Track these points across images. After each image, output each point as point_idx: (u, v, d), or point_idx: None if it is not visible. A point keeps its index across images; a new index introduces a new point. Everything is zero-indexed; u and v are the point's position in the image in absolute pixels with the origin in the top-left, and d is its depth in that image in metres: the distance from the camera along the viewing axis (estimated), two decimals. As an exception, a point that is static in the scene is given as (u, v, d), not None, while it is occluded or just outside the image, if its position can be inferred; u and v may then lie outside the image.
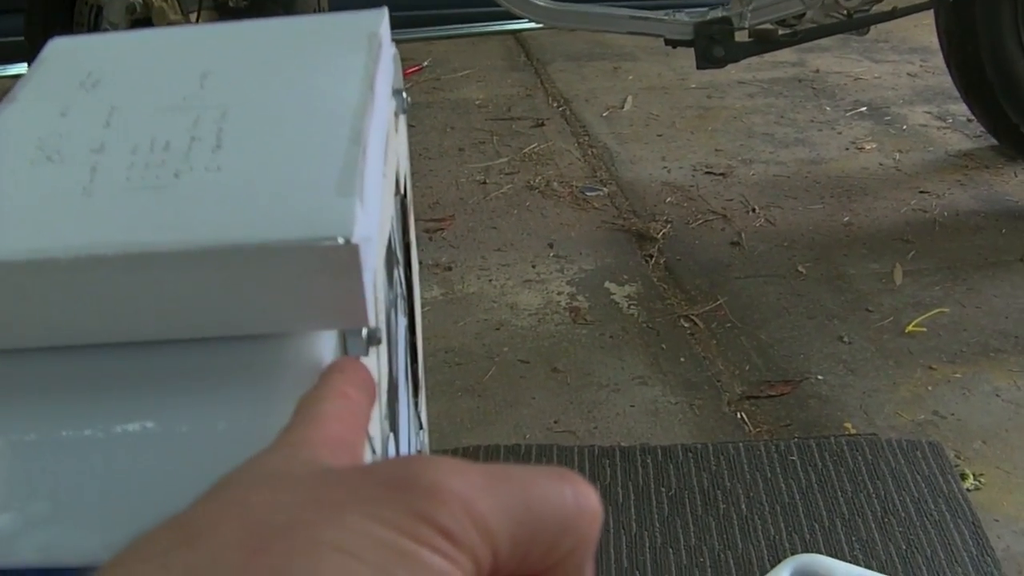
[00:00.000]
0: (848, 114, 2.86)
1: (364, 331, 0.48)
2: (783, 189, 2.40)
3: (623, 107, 2.96)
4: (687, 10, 2.11)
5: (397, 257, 0.73)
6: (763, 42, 2.09)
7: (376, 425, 0.47)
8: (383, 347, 0.56)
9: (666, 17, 2.06)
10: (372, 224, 0.48)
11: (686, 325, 1.85)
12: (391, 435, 0.59)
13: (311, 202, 0.46)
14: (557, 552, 0.32)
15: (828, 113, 2.88)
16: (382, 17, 0.68)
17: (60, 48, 0.66)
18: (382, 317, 0.56)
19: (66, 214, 0.47)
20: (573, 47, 3.49)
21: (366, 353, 0.49)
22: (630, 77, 3.21)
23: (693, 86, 3.09)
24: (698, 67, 2.08)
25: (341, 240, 0.43)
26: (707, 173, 2.50)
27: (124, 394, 0.45)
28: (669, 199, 2.37)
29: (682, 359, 1.75)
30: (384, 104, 0.60)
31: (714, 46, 2.03)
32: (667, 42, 2.09)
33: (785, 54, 3.24)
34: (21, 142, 0.54)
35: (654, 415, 1.61)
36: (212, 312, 0.45)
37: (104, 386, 0.46)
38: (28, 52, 2.36)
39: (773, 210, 2.29)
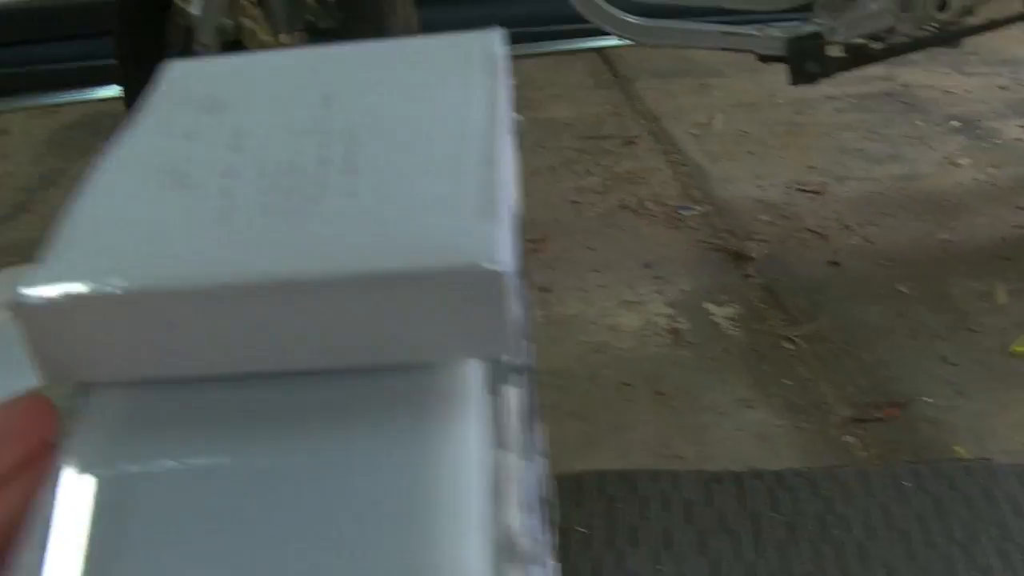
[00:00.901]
0: (940, 129, 2.83)
1: (506, 359, 0.48)
2: (878, 206, 2.38)
3: (712, 124, 2.95)
4: (779, 24, 2.09)
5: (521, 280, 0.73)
6: (857, 57, 2.08)
7: (515, 453, 0.46)
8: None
9: (758, 32, 2.05)
10: (511, 249, 0.48)
11: (788, 346, 1.85)
12: (528, 463, 0.60)
13: (452, 227, 0.45)
14: None
15: (920, 128, 2.85)
16: (498, 38, 0.68)
17: (177, 71, 0.66)
18: (522, 341, 0.56)
19: (205, 241, 0.46)
20: (659, 64, 3.49)
21: (507, 381, 0.49)
22: (718, 93, 3.20)
23: (781, 102, 3.07)
24: (791, 83, 2.07)
25: (486, 266, 0.43)
26: (801, 191, 2.49)
27: (268, 426, 0.45)
28: (764, 217, 2.36)
29: (786, 381, 1.74)
30: (508, 126, 0.60)
31: (807, 61, 2.02)
32: (760, 57, 2.08)
33: (873, 68, 3.20)
34: (149, 167, 0.53)
35: (762, 438, 1.61)
36: (355, 341, 0.45)
37: (244, 417, 0.45)
38: (119, 75, 2.39)
39: (869, 228, 2.28)
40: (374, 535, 0.40)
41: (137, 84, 2.34)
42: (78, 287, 0.44)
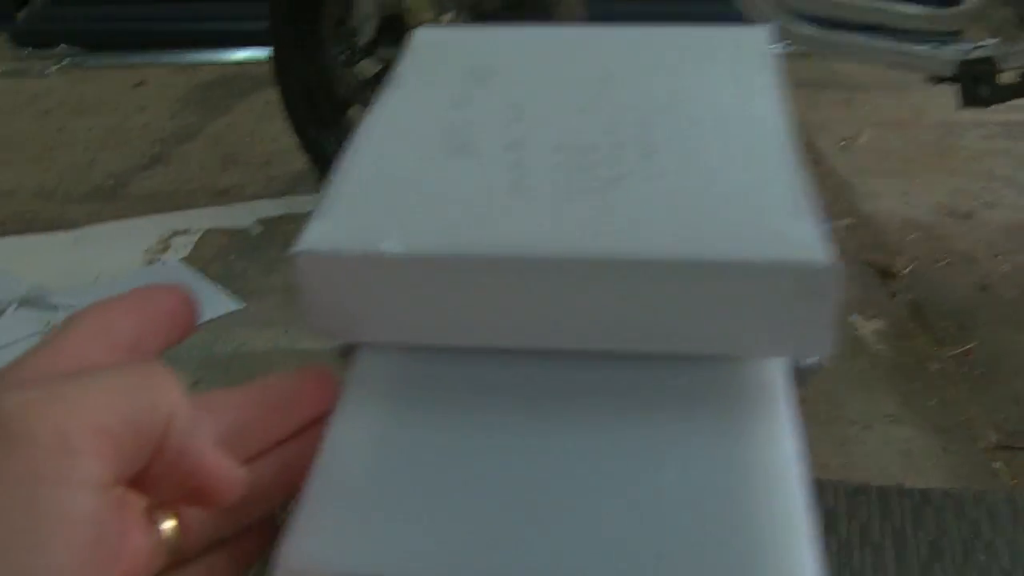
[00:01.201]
0: (1093, 163, 2.76)
1: (811, 360, 0.47)
2: (1030, 236, 2.33)
3: (859, 139, 2.91)
4: (952, 47, 2.05)
5: None
6: (1032, 85, 2.03)
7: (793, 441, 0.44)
8: None
9: (931, 53, 2.01)
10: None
11: (935, 367, 1.81)
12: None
13: (770, 221, 0.44)
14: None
15: (1072, 162, 2.78)
16: (768, 33, 0.67)
17: (429, 39, 0.65)
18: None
19: (502, 211, 0.46)
20: (803, 74, 3.44)
21: (806, 385, 0.47)
22: (864, 109, 3.15)
23: (928, 123, 3.02)
24: (962, 105, 2.03)
25: (821, 263, 0.42)
26: (949, 214, 2.44)
27: (560, 407, 0.44)
28: (911, 236, 2.32)
29: (933, 401, 1.71)
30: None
31: (980, 85, 1.98)
32: (929, 78, 2.04)
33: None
34: (424, 131, 0.53)
35: (907, 456, 1.58)
36: (665, 328, 0.44)
37: (529, 396, 0.45)
38: (272, 40, 2.40)
39: (1020, 257, 2.22)
40: (695, 532, 0.38)
41: (288, 47, 2.36)
42: (362, 244, 0.44)
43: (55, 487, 0.30)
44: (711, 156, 0.50)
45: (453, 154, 0.51)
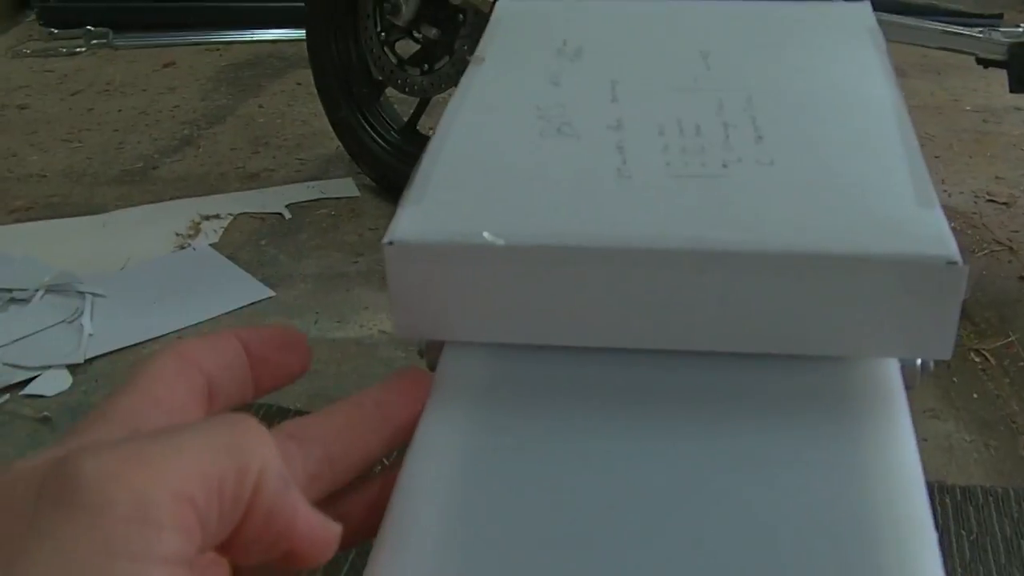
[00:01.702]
0: None
1: (920, 362, 0.44)
2: (1073, 225, 2.29)
3: (896, 124, 2.87)
4: (1004, 30, 2.01)
5: None
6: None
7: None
8: None
9: (980, 35, 1.97)
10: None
11: (976, 359, 1.78)
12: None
13: (894, 213, 0.41)
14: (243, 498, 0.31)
15: (1113, 148, 2.74)
16: (869, 9, 0.64)
17: (513, 10, 0.63)
18: None
19: (608, 199, 0.43)
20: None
21: (913, 388, 0.45)
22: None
23: (967, 108, 2.98)
24: (1011, 90, 1.99)
25: (949, 258, 0.39)
26: (989, 201, 2.40)
27: (673, 411, 0.41)
28: (952, 224, 2.28)
29: (975, 395, 1.68)
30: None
31: (1034, 70, 1.94)
32: (978, 61, 2.00)
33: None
34: (517, 110, 0.50)
35: (948, 451, 1.55)
36: (779, 326, 0.41)
37: (648, 399, 0.42)
38: (308, 19, 2.37)
39: (1061, 247, 2.19)
40: (817, 537, 0.36)
41: (324, 26, 2.34)
42: (460, 234, 0.41)
43: (132, 563, 0.28)
44: (824, 141, 0.47)
45: (550, 136, 0.48)
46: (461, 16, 2.17)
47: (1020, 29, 2.01)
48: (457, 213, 0.42)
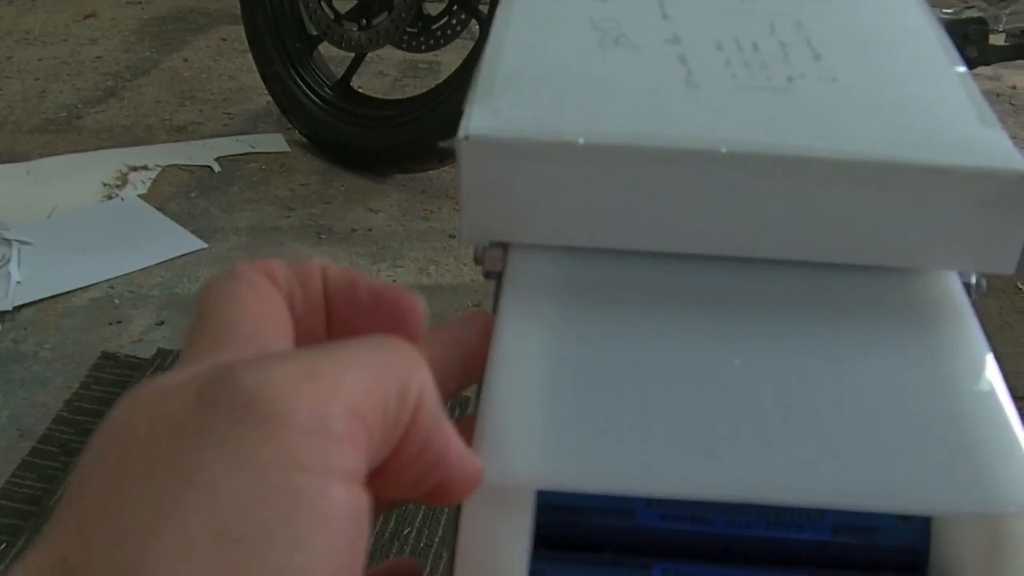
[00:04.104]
0: (1052, 135, 2.79)
1: (976, 278, 0.45)
2: (992, 202, 2.34)
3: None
4: (942, 8, 2.05)
5: None
6: (1020, 47, 2.03)
7: None
8: None
9: (918, 13, 2.00)
10: None
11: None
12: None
13: (961, 129, 0.42)
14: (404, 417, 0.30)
15: (1031, 131, 2.80)
16: None
17: None
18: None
19: (682, 104, 0.42)
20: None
21: (973, 301, 0.45)
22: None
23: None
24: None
25: (1020, 171, 0.39)
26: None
27: (745, 318, 0.41)
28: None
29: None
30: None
31: (968, 46, 1.97)
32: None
33: (981, 67, 3.16)
34: (571, 22, 0.49)
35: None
36: (848, 235, 0.41)
37: (721, 305, 0.41)
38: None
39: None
40: (910, 434, 0.36)
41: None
42: (539, 131, 0.40)
43: (314, 476, 0.26)
44: (880, 64, 0.47)
45: (609, 46, 0.47)
46: (402, -30, 2.15)
47: (960, 5, 2.04)
48: (530, 112, 0.41)
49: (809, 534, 0.38)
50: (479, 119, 0.41)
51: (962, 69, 0.47)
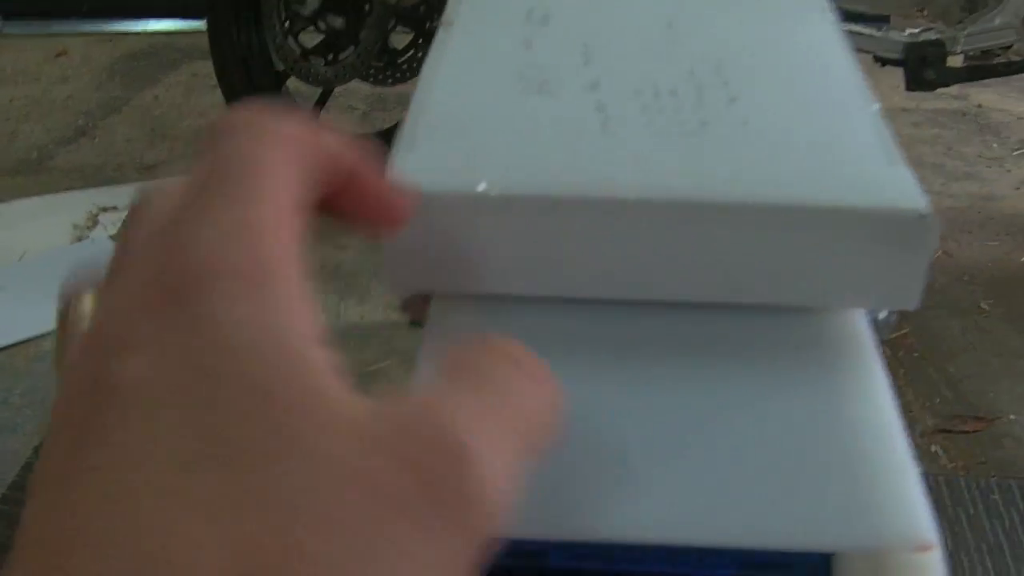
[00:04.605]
0: (1015, 153, 2.81)
1: (886, 314, 0.46)
2: (957, 223, 2.36)
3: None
4: (900, 30, 2.07)
5: None
6: (976, 69, 2.06)
7: None
8: None
9: (878, 33, 2.02)
10: None
11: (872, 351, 1.83)
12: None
13: (867, 168, 0.43)
14: None
15: (995, 150, 2.83)
16: None
17: None
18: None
19: (598, 152, 0.44)
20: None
21: (882, 339, 0.46)
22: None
23: (856, 109, 3.05)
24: (907, 88, 2.05)
25: (921, 211, 0.40)
26: (879, 199, 2.47)
27: (654, 360, 0.42)
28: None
29: (871, 385, 1.73)
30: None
31: (926, 68, 2.00)
32: (876, 59, 2.05)
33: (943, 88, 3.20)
34: (495, 70, 0.51)
35: (847, 439, 1.59)
36: (757, 277, 0.42)
37: (630, 348, 0.43)
38: (209, 7, 2.35)
39: (949, 243, 2.26)
40: (810, 472, 0.37)
41: (226, 15, 2.32)
42: (455, 183, 0.42)
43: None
44: (793, 103, 0.48)
45: (532, 94, 0.48)
46: (367, 6, 2.17)
47: (918, 28, 2.07)
48: (449, 164, 0.43)
49: (711, 571, 0.40)
50: (400, 171, 0.42)
51: (875, 107, 0.49)
